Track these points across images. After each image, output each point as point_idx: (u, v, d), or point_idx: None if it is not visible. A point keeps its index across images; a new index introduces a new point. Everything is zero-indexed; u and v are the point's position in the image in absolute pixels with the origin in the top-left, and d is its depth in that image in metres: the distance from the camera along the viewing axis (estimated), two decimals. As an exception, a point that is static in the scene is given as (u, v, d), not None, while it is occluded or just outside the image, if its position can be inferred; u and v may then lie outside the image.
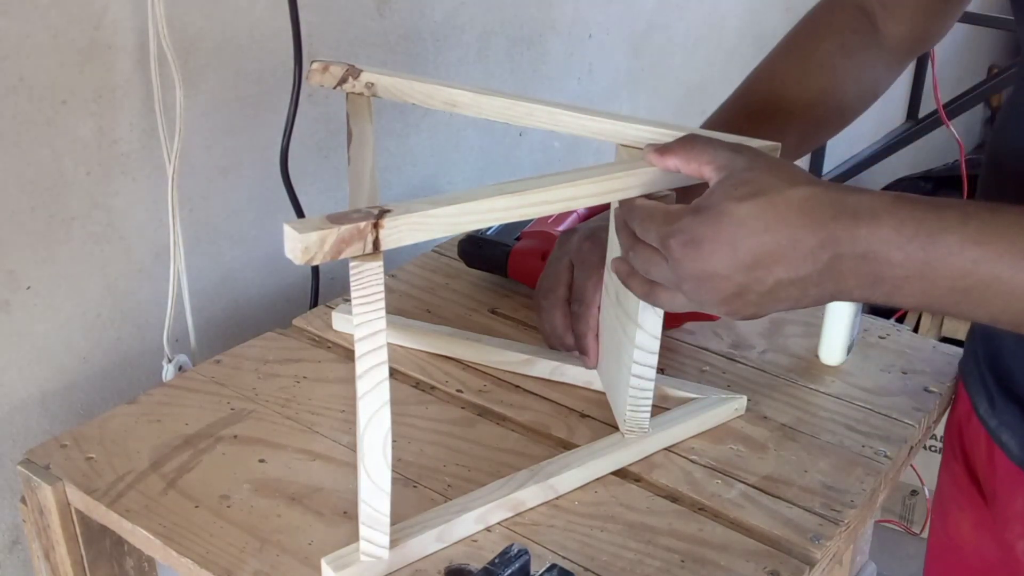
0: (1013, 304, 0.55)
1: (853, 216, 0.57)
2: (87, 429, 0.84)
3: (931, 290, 0.57)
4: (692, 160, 0.65)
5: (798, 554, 0.74)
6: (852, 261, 0.57)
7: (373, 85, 0.84)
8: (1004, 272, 0.54)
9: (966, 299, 0.56)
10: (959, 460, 0.89)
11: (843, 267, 0.57)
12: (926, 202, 0.57)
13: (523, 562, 0.64)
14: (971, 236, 0.55)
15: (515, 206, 0.64)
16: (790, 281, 0.58)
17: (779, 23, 2.09)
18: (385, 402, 0.65)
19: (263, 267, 1.15)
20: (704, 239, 0.59)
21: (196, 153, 1.03)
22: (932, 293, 0.57)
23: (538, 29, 1.43)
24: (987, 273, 0.55)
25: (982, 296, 0.56)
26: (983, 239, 0.55)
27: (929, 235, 0.55)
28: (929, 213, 0.56)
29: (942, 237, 0.55)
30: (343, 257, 0.60)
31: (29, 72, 0.88)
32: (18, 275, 0.92)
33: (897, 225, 0.56)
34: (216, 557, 0.71)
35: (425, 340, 0.96)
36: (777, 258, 0.58)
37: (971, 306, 0.57)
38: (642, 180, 0.68)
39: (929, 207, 0.56)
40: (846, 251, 0.57)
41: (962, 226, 0.55)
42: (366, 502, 0.67)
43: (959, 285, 0.56)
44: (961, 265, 0.55)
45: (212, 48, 1.02)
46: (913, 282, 0.57)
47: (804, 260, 0.58)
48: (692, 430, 0.85)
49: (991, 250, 0.54)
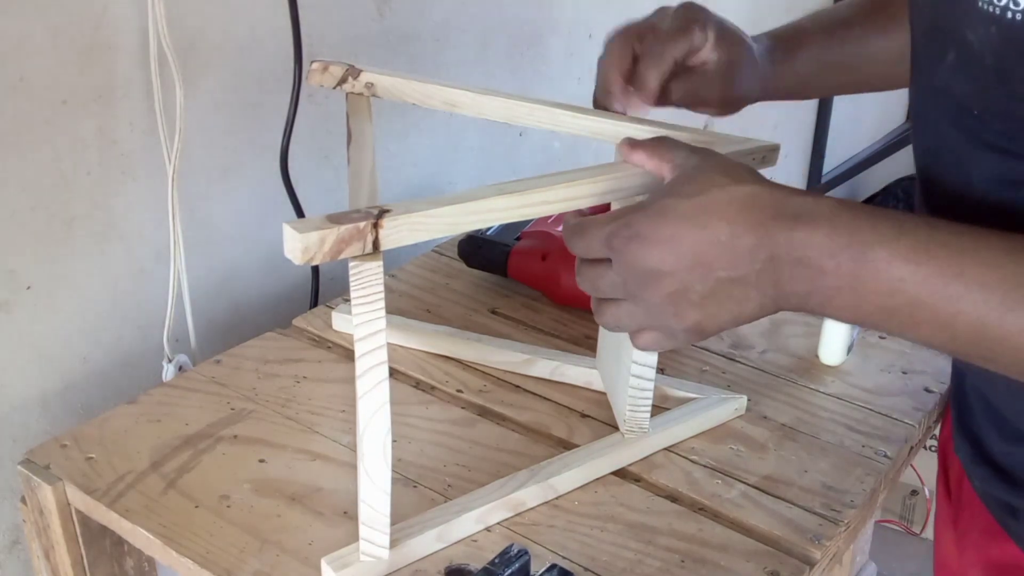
0: (939, 329, 0.53)
1: (793, 218, 0.55)
2: (87, 429, 0.84)
3: (861, 305, 0.55)
4: (655, 157, 0.65)
5: (798, 554, 0.74)
6: (788, 265, 0.56)
7: (373, 85, 0.84)
8: (927, 296, 0.52)
9: (894, 319, 0.54)
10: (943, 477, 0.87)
11: (780, 271, 0.56)
12: (868, 211, 0.55)
13: (523, 562, 0.64)
14: (901, 252, 0.53)
15: (515, 206, 0.64)
16: (730, 280, 0.57)
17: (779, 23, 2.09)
18: (385, 402, 0.65)
19: (263, 267, 1.15)
20: (647, 234, 0.58)
21: (196, 153, 1.03)
22: (862, 308, 0.55)
23: (538, 29, 1.43)
24: (912, 294, 0.53)
25: (909, 318, 0.54)
26: (913, 257, 0.52)
27: (861, 246, 0.53)
28: (865, 223, 0.54)
29: (873, 250, 0.53)
30: (343, 257, 0.60)
31: (29, 72, 0.88)
32: (18, 275, 0.92)
33: (831, 231, 0.54)
34: (216, 557, 0.71)
35: (425, 340, 0.96)
36: (716, 256, 0.57)
37: (900, 327, 0.55)
38: (641, 180, 0.68)
39: (868, 216, 0.55)
40: (782, 253, 0.56)
41: (894, 241, 0.53)
42: (366, 502, 0.67)
43: (887, 303, 0.54)
44: (888, 282, 0.53)
45: (212, 48, 1.02)
46: (844, 294, 0.55)
47: (742, 258, 0.56)
48: (692, 430, 0.85)
49: (920, 271, 0.52)
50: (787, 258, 0.55)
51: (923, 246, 0.52)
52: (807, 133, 2.34)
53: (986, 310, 0.51)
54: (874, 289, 0.54)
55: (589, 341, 0.98)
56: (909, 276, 0.52)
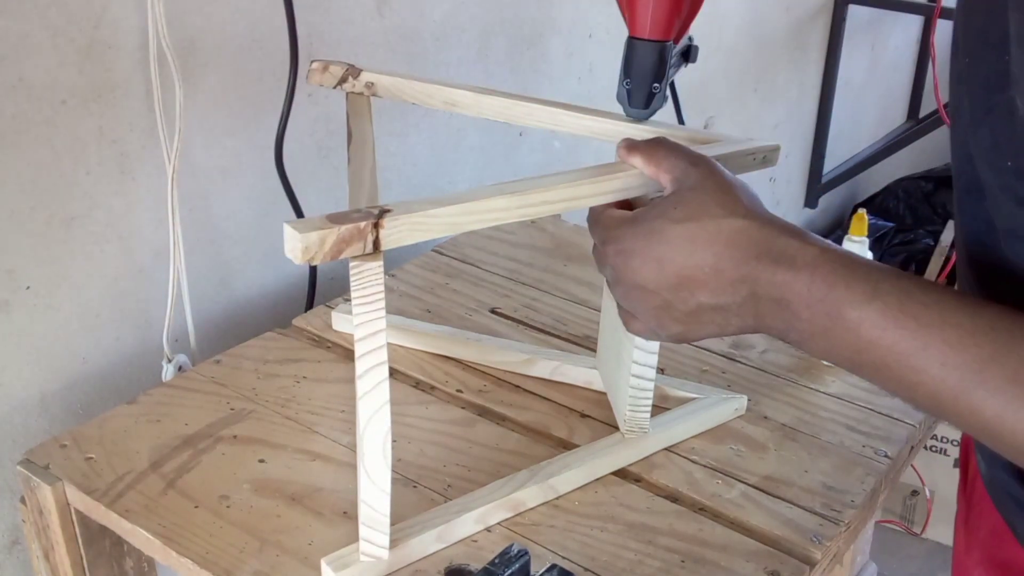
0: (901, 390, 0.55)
1: (775, 261, 0.57)
2: (87, 429, 0.84)
3: (832, 353, 0.57)
4: (652, 163, 0.66)
5: (798, 554, 0.73)
6: (768, 303, 0.58)
7: (373, 85, 0.84)
8: (891, 362, 0.54)
9: (862, 372, 0.57)
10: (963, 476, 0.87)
11: (760, 306, 0.58)
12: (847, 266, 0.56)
13: (523, 562, 0.64)
14: (870, 318, 0.54)
15: (516, 206, 0.64)
16: (711, 307, 0.60)
17: (779, 23, 2.09)
18: (385, 402, 0.65)
19: (263, 267, 1.15)
20: (635, 251, 0.61)
21: (196, 153, 1.03)
22: (834, 356, 0.57)
23: (538, 29, 1.43)
24: (877, 357, 0.55)
25: (875, 375, 0.56)
26: (881, 323, 0.54)
27: (834, 303, 0.55)
28: (842, 280, 0.56)
29: (844, 310, 0.55)
30: (343, 257, 0.59)
31: (29, 71, 0.87)
32: (18, 275, 0.92)
33: (808, 282, 0.56)
34: (216, 557, 0.71)
35: (425, 340, 0.96)
36: (700, 283, 0.59)
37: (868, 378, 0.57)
38: (642, 180, 0.68)
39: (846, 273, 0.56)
40: (763, 292, 0.58)
41: (866, 304, 0.55)
42: (366, 502, 0.67)
43: (854, 359, 0.56)
44: (856, 342, 0.55)
45: (212, 48, 1.01)
46: (817, 341, 0.57)
47: (725, 290, 0.59)
48: (692, 430, 0.85)
49: (884, 337, 0.54)
50: (767, 297, 0.58)
51: (893, 314, 0.54)
52: (807, 133, 2.34)
53: (943, 388, 0.53)
54: (843, 344, 0.56)
55: (589, 341, 0.98)
56: (876, 341, 0.54)
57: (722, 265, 0.58)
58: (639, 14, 0.75)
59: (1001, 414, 0.51)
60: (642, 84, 0.75)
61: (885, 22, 2.50)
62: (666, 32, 0.75)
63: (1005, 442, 0.53)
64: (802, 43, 2.13)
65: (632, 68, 0.76)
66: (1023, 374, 0.51)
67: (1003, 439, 0.52)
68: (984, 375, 0.52)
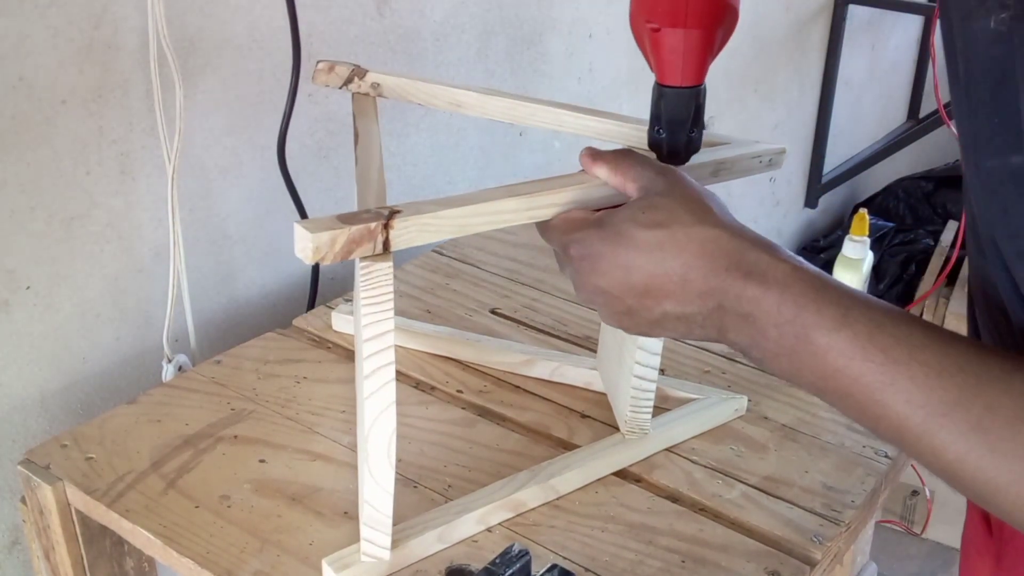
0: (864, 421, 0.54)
1: (746, 275, 0.56)
2: (87, 429, 0.84)
3: (796, 375, 0.56)
4: (618, 174, 0.64)
5: (799, 554, 0.73)
6: (734, 317, 0.56)
7: (379, 86, 0.84)
8: (856, 392, 0.53)
9: (826, 397, 0.56)
10: None
11: (725, 320, 0.57)
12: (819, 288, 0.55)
13: (524, 562, 0.64)
14: (838, 346, 0.53)
15: (524, 208, 0.64)
16: (676, 316, 0.58)
17: (779, 23, 2.09)
18: (391, 403, 0.64)
19: (263, 267, 1.15)
20: (601, 256, 0.59)
21: (196, 153, 1.03)
22: (797, 378, 0.56)
23: (538, 29, 1.43)
24: (842, 386, 0.54)
25: (838, 402, 0.55)
26: (849, 353, 0.53)
27: (803, 327, 0.54)
28: (812, 303, 0.54)
29: (812, 335, 0.54)
30: (353, 257, 0.59)
31: (29, 72, 0.87)
32: (18, 275, 0.92)
33: (778, 301, 0.55)
34: (216, 557, 0.71)
35: (425, 341, 0.96)
36: (667, 292, 0.58)
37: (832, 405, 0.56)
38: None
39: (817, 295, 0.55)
40: (730, 306, 0.56)
41: (835, 331, 0.53)
42: (369, 503, 0.67)
43: (819, 384, 0.55)
44: (822, 368, 0.54)
45: (212, 48, 1.01)
46: (782, 361, 0.56)
47: (691, 300, 0.57)
48: (693, 431, 0.85)
49: (851, 367, 0.53)
50: (734, 311, 0.56)
51: (861, 344, 0.53)
52: (807, 133, 2.34)
53: (907, 426, 0.52)
54: (809, 368, 0.55)
55: (589, 341, 0.98)
56: (842, 369, 0.53)
57: (691, 275, 0.57)
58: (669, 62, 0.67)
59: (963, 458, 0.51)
60: (678, 132, 0.68)
61: (885, 22, 2.50)
62: (699, 76, 0.67)
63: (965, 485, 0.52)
64: (802, 43, 2.13)
65: (665, 118, 0.68)
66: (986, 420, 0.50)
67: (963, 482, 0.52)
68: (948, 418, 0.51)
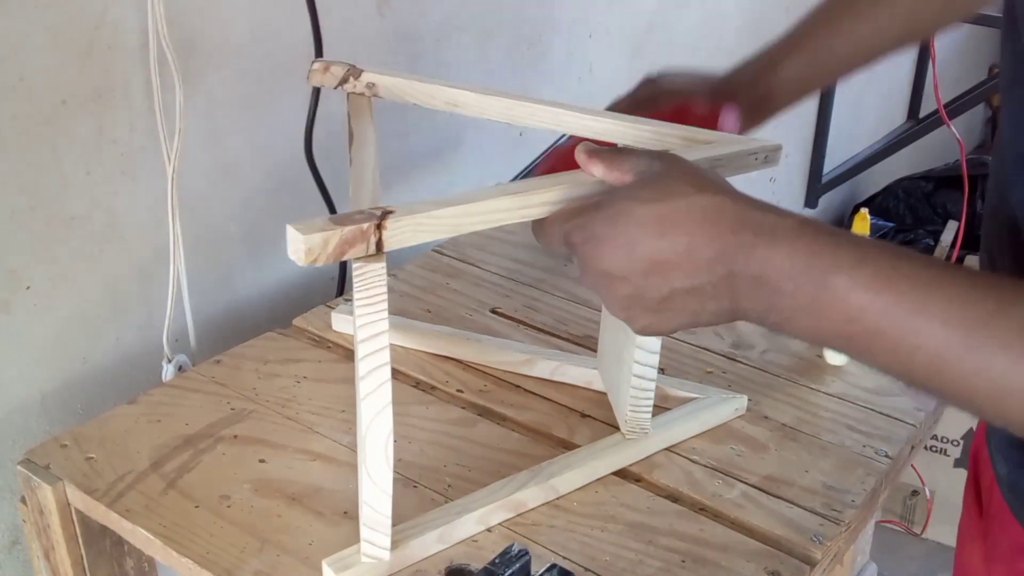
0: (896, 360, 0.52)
1: (754, 234, 0.54)
2: (87, 429, 0.84)
3: (820, 328, 0.54)
4: (615, 169, 0.63)
5: (799, 554, 0.73)
6: (746, 281, 0.55)
7: (374, 85, 0.84)
8: (886, 327, 0.51)
9: (852, 345, 0.54)
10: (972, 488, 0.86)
11: (738, 285, 0.55)
12: (829, 234, 0.54)
13: (524, 562, 0.64)
14: (861, 281, 0.51)
15: (517, 207, 0.64)
16: (685, 290, 0.56)
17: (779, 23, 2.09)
18: (388, 403, 0.65)
19: (263, 267, 1.15)
20: (604, 237, 0.58)
21: (196, 153, 1.03)
22: (821, 331, 0.54)
23: (538, 29, 1.43)
24: (871, 323, 0.51)
25: (867, 346, 0.53)
26: (874, 286, 0.51)
27: (821, 271, 0.52)
28: (827, 247, 0.53)
29: (832, 277, 0.52)
30: (346, 258, 0.59)
31: (29, 72, 0.87)
32: (18, 275, 0.92)
33: (791, 253, 0.53)
34: (216, 557, 0.71)
35: (426, 340, 0.96)
36: (674, 265, 0.56)
37: (859, 352, 0.54)
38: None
39: (829, 240, 0.53)
40: (740, 269, 0.54)
41: (856, 268, 0.52)
42: (367, 503, 0.67)
43: (845, 330, 0.53)
44: (846, 310, 0.52)
45: (212, 48, 1.01)
46: (802, 316, 0.54)
47: (700, 270, 0.55)
48: (693, 430, 0.85)
49: (878, 300, 0.51)
50: (745, 274, 0.54)
51: (885, 275, 0.51)
52: (807, 133, 2.34)
53: (946, 347, 0.50)
54: (833, 315, 0.53)
55: (589, 341, 0.98)
56: (869, 305, 0.51)
57: (696, 244, 0.55)
58: None
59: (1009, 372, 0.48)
60: None
61: (885, 22, 2.49)
62: None
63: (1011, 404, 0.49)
64: (802, 43, 2.13)
65: None
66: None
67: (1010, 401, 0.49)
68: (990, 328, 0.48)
